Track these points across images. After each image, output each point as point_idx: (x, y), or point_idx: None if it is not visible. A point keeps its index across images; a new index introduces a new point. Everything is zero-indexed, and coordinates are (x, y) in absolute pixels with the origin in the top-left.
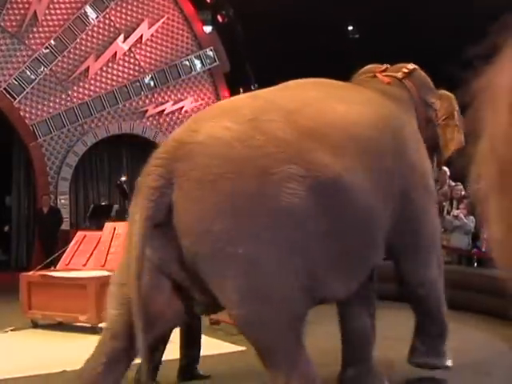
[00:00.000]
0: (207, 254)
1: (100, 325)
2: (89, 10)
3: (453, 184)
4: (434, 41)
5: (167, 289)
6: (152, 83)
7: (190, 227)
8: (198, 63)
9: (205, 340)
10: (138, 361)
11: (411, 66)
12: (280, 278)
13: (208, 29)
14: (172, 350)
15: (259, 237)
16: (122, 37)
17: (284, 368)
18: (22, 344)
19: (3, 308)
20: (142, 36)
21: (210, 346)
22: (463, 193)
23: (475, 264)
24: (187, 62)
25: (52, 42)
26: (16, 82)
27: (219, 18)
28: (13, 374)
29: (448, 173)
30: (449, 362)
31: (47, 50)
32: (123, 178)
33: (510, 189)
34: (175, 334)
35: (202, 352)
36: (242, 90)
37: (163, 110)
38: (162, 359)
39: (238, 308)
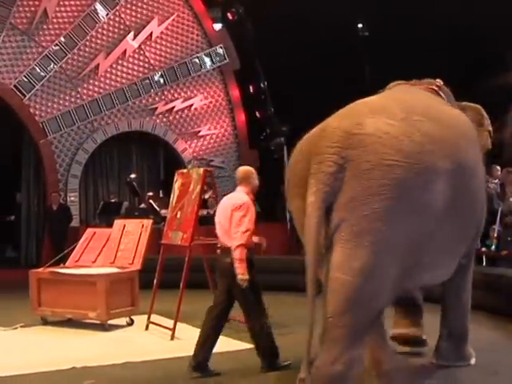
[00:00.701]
0: (355, 222)
1: (109, 321)
2: (99, 7)
3: None
4: (444, 38)
5: None
6: (162, 80)
7: (349, 199)
8: (207, 61)
9: None
10: None
11: (439, 81)
12: (394, 267)
13: (218, 26)
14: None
15: (402, 222)
16: (131, 34)
17: (344, 343)
18: (32, 340)
19: (13, 305)
20: (151, 33)
21: (219, 343)
22: None
23: (484, 263)
24: (197, 60)
25: (62, 39)
26: (26, 80)
27: (229, 15)
28: (22, 370)
29: None
30: (472, 361)
31: (57, 47)
32: (133, 176)
33: None
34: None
35: None
36: (251, 88)
37: (173, 108)
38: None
39: (353, 275)
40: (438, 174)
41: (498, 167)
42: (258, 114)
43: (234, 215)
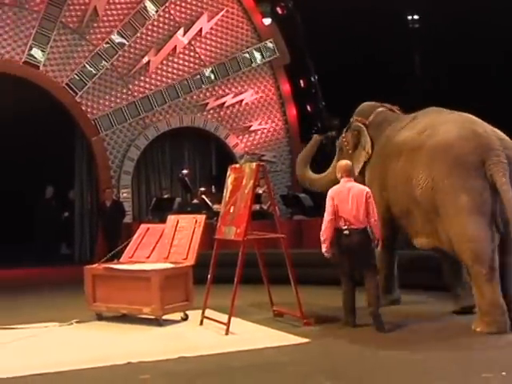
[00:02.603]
0: None
1: (164, 317)
2: (148, 4)
3: None
4: (495, 31)
5: None
6: (212, 76)
7: None
8: (257, 55)
9: (268, 332)
10: None
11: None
12: None
13: (267, 21)
14: None
15: None
16: (181, 30)
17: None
18: (87, 336)
19: (68, 301)
20: (201, 29)
21: (274, 337)
22: None
23: None
24: (247, 55)
25: (112, 36)
26: (77, 77)
27: (278, 9)
28: (78, 365)
29: None
30: None
31: (108, 45)
32: (185, 171)
33: None
34: None
35: (266, 343)
36: (302, 82)
37: (224, 103)
38: None
39: None
40: None
41: None
42: (308, 108)
43: (369, 201)
